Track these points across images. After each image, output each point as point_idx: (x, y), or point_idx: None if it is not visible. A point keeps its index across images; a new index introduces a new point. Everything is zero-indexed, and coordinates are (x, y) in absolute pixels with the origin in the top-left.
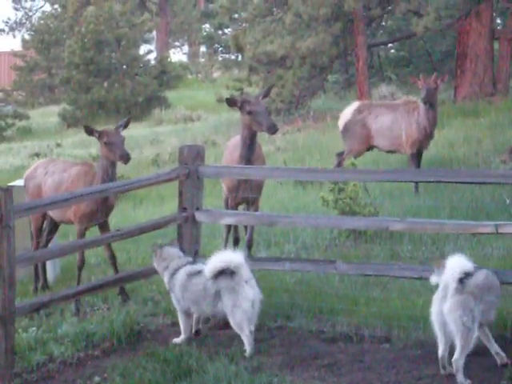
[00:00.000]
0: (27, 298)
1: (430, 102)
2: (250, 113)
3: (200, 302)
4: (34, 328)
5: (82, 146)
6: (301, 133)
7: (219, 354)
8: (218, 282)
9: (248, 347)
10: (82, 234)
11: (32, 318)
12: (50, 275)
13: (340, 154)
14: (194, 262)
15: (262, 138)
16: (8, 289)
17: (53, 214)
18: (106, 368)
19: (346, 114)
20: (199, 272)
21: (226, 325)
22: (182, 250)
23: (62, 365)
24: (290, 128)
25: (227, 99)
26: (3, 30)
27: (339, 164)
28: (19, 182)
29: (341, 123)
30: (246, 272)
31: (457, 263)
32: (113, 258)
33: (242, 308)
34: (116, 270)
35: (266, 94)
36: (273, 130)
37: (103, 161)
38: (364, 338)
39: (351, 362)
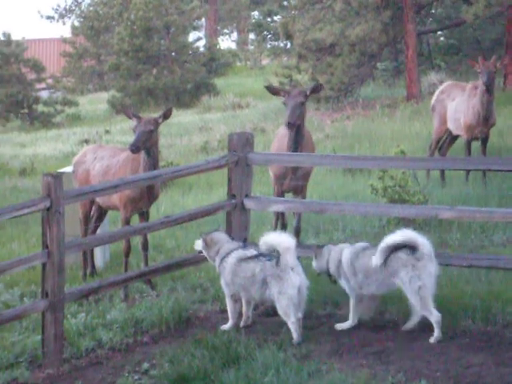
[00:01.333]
0: (76, 284)
1: (490, 86)
2: (284, 103)
3: (249, 287)
4: (83, 314)
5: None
6: (350, 120)
7: (268, 341)
8: (265, 269)
9: (295, 334)
10: (126, 221)
11: (81, 304)
12: (100, 261)
13: None
14: (244, 247)
15: (312, 125)
16: (57, 275)
17: (99, 199)
18: (154, 354)
19: (434, 94)
20: (250, 258)
21: (274, 312)
22: (230, 236)
23: (110, 351)
24: (339, 116)
25: (268, 87)
26: (53, 17)
27: (431, 146)
28: (68, 169)
29: (431, 103)
30: (291, 259)
31: None
32: (145, 245)
33: (288, 294)
34: (146, 261)
35: (315, 91)
36: (287, 125)
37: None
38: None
39: (400, 349)
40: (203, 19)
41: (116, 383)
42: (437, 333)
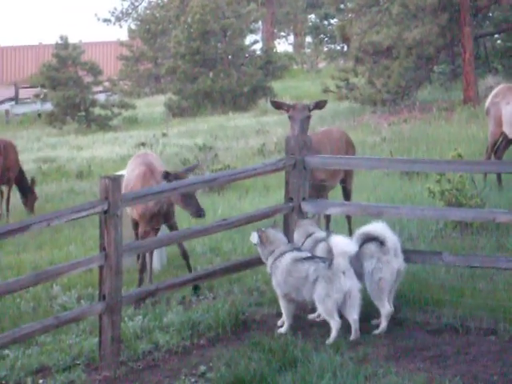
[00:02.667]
0: (133, 287)
1: None
2: (289, 117)
3: (301, 288)
4: (140, 317)
5: (187, 136)
6: (407, 123)
7: (324, 345)
8: (318, 270)
9: (334, 333)
10: (142, 236)
11: (138, 307)
12: (157, 264)
13: None
14: (299, 249)
15: (369, 128)
16: (115, 277)
17: (129, 210)
18: (211, 357)
19: (488, 97)
20: (304, 259)
21: None
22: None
23: (167, 353)
24: (396, 119)
25: (272, 102)
26: (109, 20)
27: (487, 149)
28: (125, 172)
29: (485, 106)
30: (344, 262)
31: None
32: (185, 255)
33: (334, 298)
34: (189, 268)
35: (318, 106)
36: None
37: (167, 199)
38: (470, 329)
39: (457, 353)
40: (260, 22)
41: None
42: (383, 325)
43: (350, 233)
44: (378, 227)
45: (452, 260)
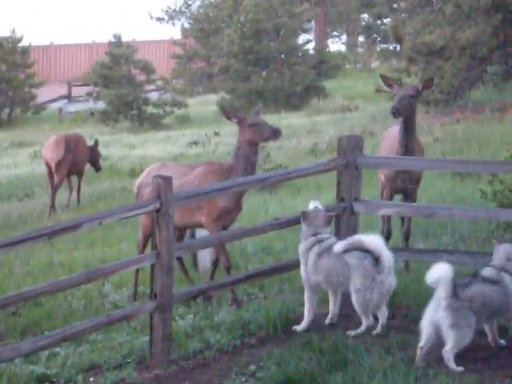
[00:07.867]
0: (184, 286)
1: None
2: (393, 96)
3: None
4: (191, 315)
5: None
6: (460, 124)
7: (375, 345)
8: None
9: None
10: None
11: (189, 306)
12: (208, 263)
13: None
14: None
15: (421, 128)
16: (166, 276)
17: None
18: (261, 356)
19: None
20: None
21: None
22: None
23: (218, 352)
24: (449, 119)
25: (382, 76)
26: (163, 19)
27: None
28: None
29: None
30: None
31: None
32: (216, 262)
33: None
34: (212, 276)
35: (426, 85)
36: (391, 110)
37: (245, 148)
38: None
39: (508, 355)
40: (313, 22)
41: None
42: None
43: (408, 234)
44: (374, 241)
45: None
